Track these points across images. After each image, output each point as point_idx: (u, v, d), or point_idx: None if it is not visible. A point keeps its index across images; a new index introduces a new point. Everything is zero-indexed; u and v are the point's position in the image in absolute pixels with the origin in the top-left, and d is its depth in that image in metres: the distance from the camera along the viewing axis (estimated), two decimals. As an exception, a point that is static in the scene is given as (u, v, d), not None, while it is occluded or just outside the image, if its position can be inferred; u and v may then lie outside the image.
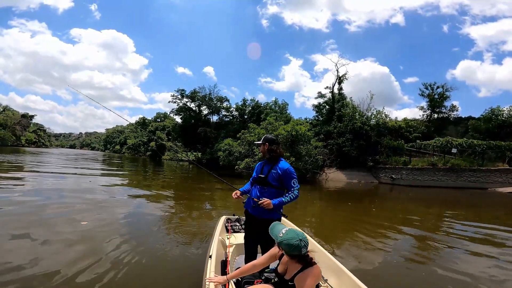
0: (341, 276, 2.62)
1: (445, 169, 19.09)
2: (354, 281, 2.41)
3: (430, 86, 34.08)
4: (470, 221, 8.30)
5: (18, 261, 3.51)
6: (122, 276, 3.33)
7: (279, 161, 2.80)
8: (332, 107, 26.48)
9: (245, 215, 2.97)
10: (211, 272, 2.42)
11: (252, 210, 2.77)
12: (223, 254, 3.06)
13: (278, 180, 2.72)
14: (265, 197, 2.67)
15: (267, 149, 2.86)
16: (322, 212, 9.39)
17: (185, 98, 36.69)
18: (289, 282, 1.87)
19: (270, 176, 2.75)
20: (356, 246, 5.24)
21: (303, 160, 18.63)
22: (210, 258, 2.68)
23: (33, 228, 4.86)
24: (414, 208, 11.03)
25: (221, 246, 3.23)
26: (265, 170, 2.83)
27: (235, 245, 3.34)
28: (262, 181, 2.78)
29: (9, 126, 68.42)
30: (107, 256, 3.85)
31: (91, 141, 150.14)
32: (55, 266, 3.44)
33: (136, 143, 67.72)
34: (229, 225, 3.98)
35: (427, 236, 6.38)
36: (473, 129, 30.32)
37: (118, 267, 3.55)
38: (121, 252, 4.05)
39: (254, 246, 2.86)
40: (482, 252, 5.24)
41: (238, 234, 3.73)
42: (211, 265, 2.55)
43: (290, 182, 2.69)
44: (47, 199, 7.35)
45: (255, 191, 2.82)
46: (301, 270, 1.82)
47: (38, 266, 3.43)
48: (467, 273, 4.05)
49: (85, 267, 3.46)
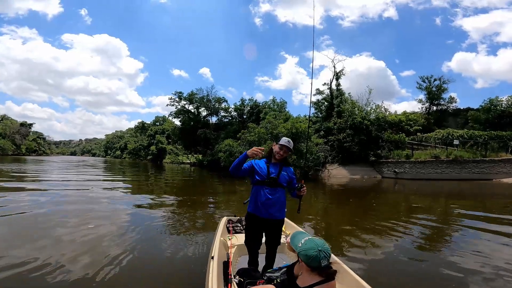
0: (342, 274, 2.56)
1: (448, 161, 18.93)
2: (356, 279, 2.38)
3: (427, 79, 34.02)
4: (478, 212, 8.22)
5: (41, 257, 3.79)
6: (124, 278, 3.35)
7: (287, 164, 2.90)
8: (331, 103, 26.36)
9: (252, 219, 2.79)
10: (213, 273, 2.39)
11: (266, 213, 2.71)
12: (225, 255, 3.03)
13: (287, 181, 2.81)
14: (275, 198, 2.71)
15: (285, 156, 2.86)
16: (324, 209, 9.27)
17: (183, 100, 36.48)
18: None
19: (281, 177, 2.77)
20: (360, 243, 5.13)
21: (304, 158, 18.52)
22: (212, 259, 2.67)
23: (47, 229, 5.11)
24: (420, 202, 10.90)
25: (222, 247, 3.22)
26: (274, 171, 2.77)
27: (237, 246, 3.34)
28: (273, 182, 2.74)
29: (8, 135, 68.41)
30: (109, 257, 3.86)
31: (91, 147, 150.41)
32: (59, 262, 3.67)
33: (136, 148, 67.68)
34: (230, 226, 3.97)
35: (435, 231, 6.26)
36: (473, 120, 30.20)
37: (120, 268, 3.56)
38: (123, 253, 4.06)
39: (258, 247, 2.87)
40: (491, 244, 5.11)
41: (239, 235, 3.72)
42: (213, 266, 2.53)
43: (295, 181, 2.87)
44: (56, 205, 7.50)
45: (263, 193, 2.70)
46: (318, 283, 1.65)
47: (51, 259, 3.70)
48: (473, 270, 3.90)
49: (88, 267, 3.53)
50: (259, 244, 2.85)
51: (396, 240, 5.38)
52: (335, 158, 22.43)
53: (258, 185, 2.75)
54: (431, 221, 7.16)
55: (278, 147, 2.80)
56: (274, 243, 2.81)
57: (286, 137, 3.03)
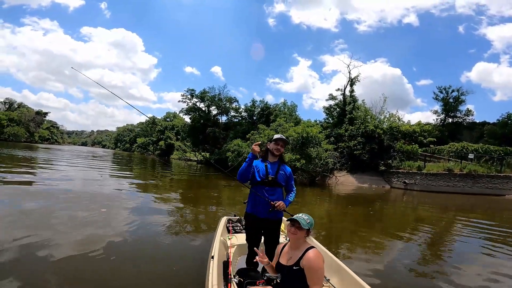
0: (343, 275, 2.63)
1: (461, 175, 18.45)
2: (357, 280, 2.41)
3: (444, 90, 33.31)
4: (486, 224, 8.20)
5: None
6: (123, 276, 3.35)
7: (282, 163, 2.88)
8: (343, 109, 26.00)
9: (251, 219, 2.83)
10: (213, 273, 2.40)
11: (264, 213, 2.74)
12: (224, 255, 3.06)
13: (285, 181, 2.82)
14: (275, 198, 2.71)
15: (283, 150, 2.87)
16: (330, 216, 9.12)
17: (194, 98, 36.73)
18: (294, 266, 2.00)
19: (279, 176, 2.78)
20: (364, 251, 5.09)
21: (313, 163, 18.33)
22: (212, 259, 2.69)
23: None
24: (430, 213, 10.63)
25: (222, 246, 3.24)
26: (272, 171, 2.79)
27: (237, 245, 3.36)
28: (272, 182, 2.75)
29: (23, 122, 70.18)
30: (107, 257, 3.84)
31: (102, 139, 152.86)
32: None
33: (145, 142, 68.52)
34: (230, 225, 3.99)
35: (439, 241, 6.22)
36: (489, 135, 29.40)
37: (119, 267, 3.56)
38: (122, 253, 4.05)
39: (258, 247, 2.84)
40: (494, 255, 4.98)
41: (239, 234, 3.74)
42: (213, 265, 2.54)
43: (292, 182, 2.88)
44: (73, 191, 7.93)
45: (263, 193, 2.74)
46: (306, 251, 1.99)
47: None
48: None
49: (85, 264, 3.55)
50: (258, 243, 2.86)
51: (403, 249, 5.30)
52: (344, 165, 22.11)
53: (257, 185, 2.78)
54: (436, 232, 7.07)
55: (274, 143, 2.84)
56: (273, 243, 2.82)
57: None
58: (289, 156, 17.28)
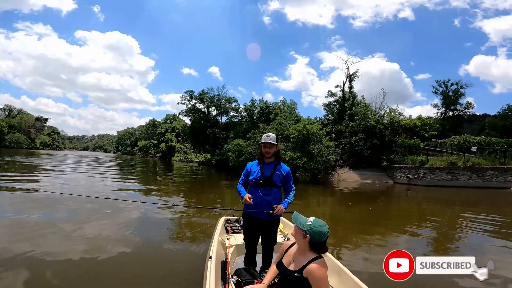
0: (341, 276, 2.63)
1: (465, 168, 18.30)
2: (355, 281, 2.41)
3: (443, 83, 33.12)
4: (492, 219, 8.11)
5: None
6: (122, 277, 3.38)
7: (279, 162, 2.85)
8: (343, 106, 25.87)
9: (248, 219, 2.83)
10: (211, 273, 2.40)
11: (261, 214, 2.71)
12: (223, 255, 3.06)
13: (282, 181, 2.79)
14: (270, 198, 2.72)
15: (277, 150, 2.84)
16: (332, 213, 9.02)
17: (193, 99, 36.60)
18: (295, 273, 1.86)
19: (275, 177, 2.76)
20: (366, 250, 5.02)
21: (314, 160, 18.21)
22: (210, 259, 2.69)
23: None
24: (435, 209, 10.49)
25: (221, 247, 3.26)
26: (267, 172, 2.77)
27: (235, 245, 3.36)
28: (267, 183, 2.74)
29: (24, 129, 70.30)
30: (107, 257, 3.89)
31: (103, 143, 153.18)
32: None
33: (146, 145, 68.51)
34: (228, 225, 4.00)
35: (445, 238, 6.12)
36: (490, 127, 29.21)
37: (118, 267, 3.61)
38: (121, 252, 4.09)
39: (256, 247, 2.91)
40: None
41: (237, 234, 3.74)
42: (211, 266, 2.55)
43: (290, 183, 2.83)
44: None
45: (258, 194, 2.74)
46: (311, 261, 1.81)
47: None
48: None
49: (85, 264, 3.61)
50: (256, 244, 2.89)
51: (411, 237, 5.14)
52: (346, 162, 21.98)
53: (254, 186, 2.78)
54: (441, 229, 6.93)
55: (262, 146, 2.81)
56: (270, 243, 2.84)
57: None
58: (290, 154, 17.16)
